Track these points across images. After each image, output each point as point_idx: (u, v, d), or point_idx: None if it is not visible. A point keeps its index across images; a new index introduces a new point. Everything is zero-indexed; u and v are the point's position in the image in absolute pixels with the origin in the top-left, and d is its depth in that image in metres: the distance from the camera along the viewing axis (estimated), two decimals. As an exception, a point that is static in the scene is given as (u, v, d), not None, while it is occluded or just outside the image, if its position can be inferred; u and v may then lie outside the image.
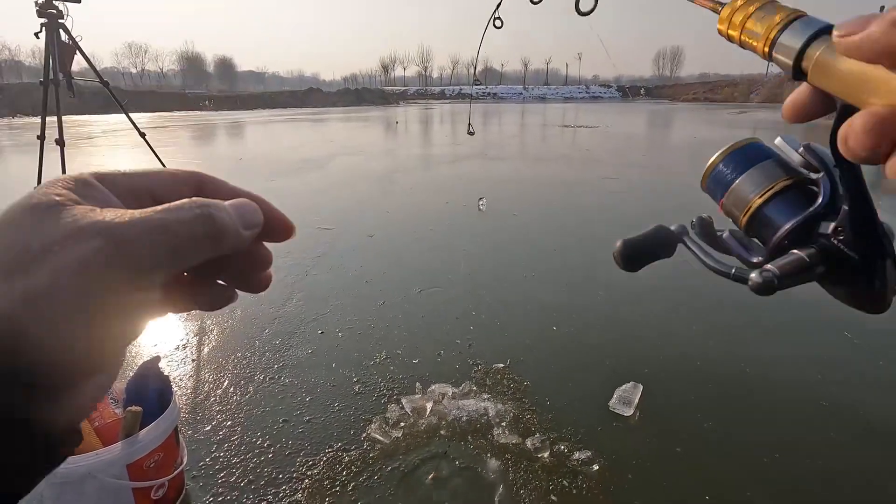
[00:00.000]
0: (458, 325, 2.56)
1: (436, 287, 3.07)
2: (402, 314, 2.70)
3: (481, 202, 5.26)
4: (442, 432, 1.75)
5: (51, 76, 3.26)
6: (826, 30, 0.28)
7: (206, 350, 2.35)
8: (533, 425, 1.78)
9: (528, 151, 10.61)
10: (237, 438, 1.73)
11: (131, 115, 3.98)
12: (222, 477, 1.56)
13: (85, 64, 3.55)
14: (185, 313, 2.89)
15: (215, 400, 1.96)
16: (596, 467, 1.58)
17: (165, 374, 1.44)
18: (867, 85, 0.25)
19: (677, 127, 17.56)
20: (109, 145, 11.35)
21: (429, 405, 1.86)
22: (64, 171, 3.27)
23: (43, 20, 3.17)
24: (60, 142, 3.23)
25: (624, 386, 1.91)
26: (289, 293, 2.98)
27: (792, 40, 0.30)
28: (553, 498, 1.47)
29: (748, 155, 0.37)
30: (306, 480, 1.54)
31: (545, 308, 2.78)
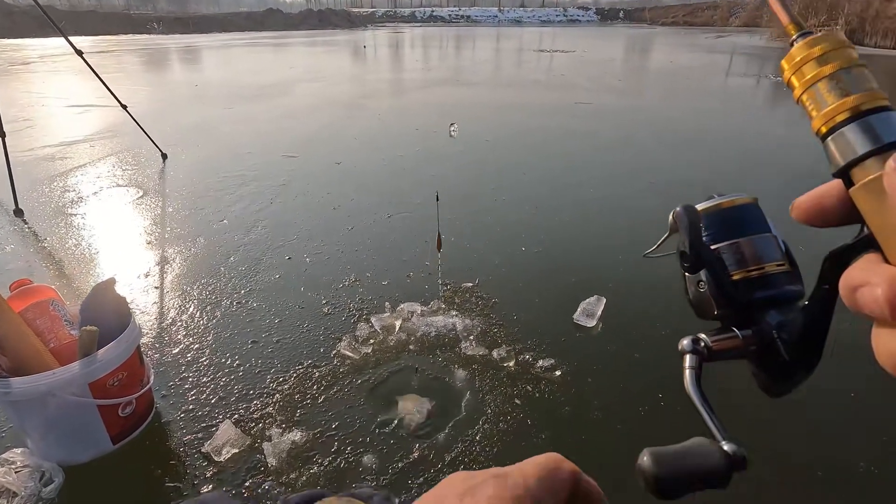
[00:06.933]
0: (427, 248, 2.55)
1: (405, 212, 3.03)
2: (370, 239, 2.68)
3: (452, 128, 5.11)
4: (411, 347, 1.79)
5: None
6: None
7: (168, 278, 2.30)
8: (499, 338, 1.83)
9: (502, 77, 10.23)
10: (206, 360, 1.73)
11: (70, 38, 3.61)
12: (192, 395, 1.57)
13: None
14: (146, 240, 2.75)
15: (181, 325, 1.94)
16: (558, 373, 1.65)
17: (122, 295, 1.40)
18: None
19: (654, 52, 17.11)
20: (49, 71, 10.38)
21: (398, 323, 1.88)
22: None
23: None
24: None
25: (588, 299, 1.96)
26: (253, 221, 2.89)
27: (858, 140, 0.24)
28: (517, 401, 1.54)
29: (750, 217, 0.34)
30: (277, 395, 1.57)
31: (514, 229, 2.79)
